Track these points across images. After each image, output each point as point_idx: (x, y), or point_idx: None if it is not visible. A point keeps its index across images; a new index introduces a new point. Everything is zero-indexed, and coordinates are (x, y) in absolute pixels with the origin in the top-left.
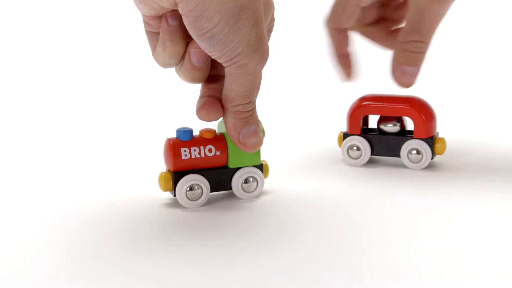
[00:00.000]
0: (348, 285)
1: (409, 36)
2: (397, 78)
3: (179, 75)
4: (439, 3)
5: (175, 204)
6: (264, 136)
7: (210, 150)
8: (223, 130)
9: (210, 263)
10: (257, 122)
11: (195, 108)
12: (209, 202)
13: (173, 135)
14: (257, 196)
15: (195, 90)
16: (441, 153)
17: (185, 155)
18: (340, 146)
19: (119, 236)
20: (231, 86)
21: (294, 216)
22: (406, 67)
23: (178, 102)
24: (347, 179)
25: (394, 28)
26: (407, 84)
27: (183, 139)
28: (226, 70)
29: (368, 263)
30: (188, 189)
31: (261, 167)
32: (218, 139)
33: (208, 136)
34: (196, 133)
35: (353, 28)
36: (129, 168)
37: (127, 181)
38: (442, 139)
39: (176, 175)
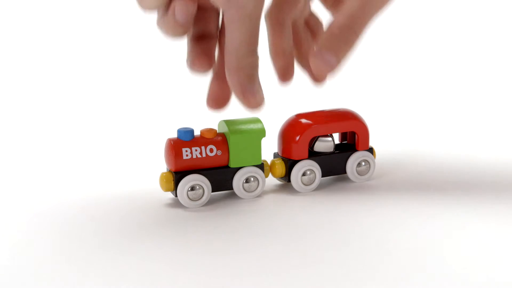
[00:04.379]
0: (350, 287)
1: (338, 19)
2: (312, 61)
3: (160, 28)
4: None
5: (176, 204)
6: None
7: (211, 150)
8: (223, 130)
9: (212, 263)
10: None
11: (186, 62)
12: (210, 202)
13: (174, 135)
14: (258, 196)
15: (194, 91)
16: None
17: (187, 155)
18: (277, 175)
19: (120, 236)
20: (233, 34)
21: (296, 216)
22: (324, 51)
23: (177, 103)
24: (348, 178)
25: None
26: (321, 73)
27: (184, 139)
28: (226, 17)
29: (370, 263)
30: (189, 189)
31: (262, 166)
32: (219, 139)
33: (209, 136)
34: (196, 133)
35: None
36: (129, 168)
37: (127, 182)
38: (372, 148)
39: (177, 175)
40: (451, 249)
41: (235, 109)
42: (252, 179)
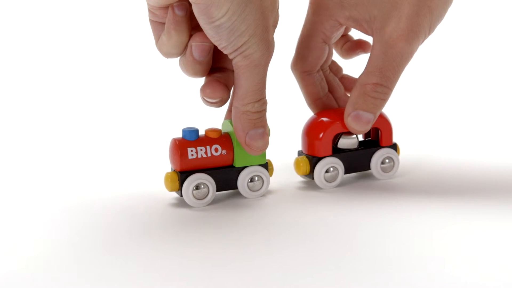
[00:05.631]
0: (352, 286)
1: (370, 77)
2: (350, 122)
3: (181, 68)
4: (406, 41)
5: (180, 203)
6: (269, 135)
7: (216, 150)
8: (227, 129)
9: (217, 261)
10: (265, 125)
11: (200, 88)
12: (215, 201)
13: (175, 135)
14: (263, 195)
15: (195, 91)
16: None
17: (192, 155)
18: (302, 173)
19: (126, 236)
20: (240, 81)
21: (300, 216)
22: (361, 112)
23: (180, 103)
24: (352, 176)
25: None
26: (359, 131)
27: (189, 139)
28: (234, 64)
29: (372, 262)
30: (194, 188)
31: (266, 165)
32: (223, 139)
33: (213, 135)
34: (201, 133)
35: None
36: (133, 169)
37: (132, 182)
38: (396, 144)
39: (182, 174)
40: (468, 254)
41: None
42: (256, 178)
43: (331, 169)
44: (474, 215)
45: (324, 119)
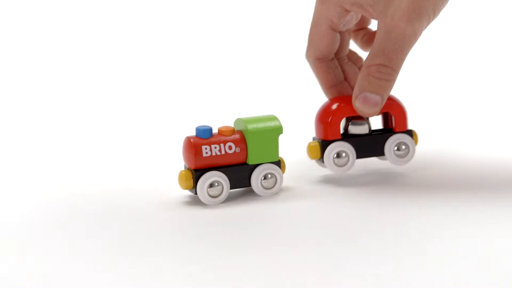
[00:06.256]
0: (353, 285)
1: (373, 59)
2: (358, 105)
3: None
4: (408, 21)
5: (193, 201)
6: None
7: (230, 147)
8: (240, 127)
9: (221, 258)
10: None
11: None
12: (228, 199)
13: (190, 133)
14: (276, 193)
15: (207, 89)
16: (416, 144)
17: (206, 153)
18: (313, 157)
19: (142, 234)
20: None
21: (314, 214)
22: (368, 94)
23: (192, 101)
24: (364, 172)
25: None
26: (368, 113)
27: (203, 137)
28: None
29: (374, 261)
30: (209, 186)
31: (279, 163)
32: (237, 136)
33: (227, 133)
34: (214, 131)
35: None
36: (147, 167)
37: (145, 180)
38: (414, 131)
39: (197, 172)
40: (469, 253)
41: (242, 108)
42: (269, 175)
43: (343, 154)
44: (479, 214)
45: (334, 103)
